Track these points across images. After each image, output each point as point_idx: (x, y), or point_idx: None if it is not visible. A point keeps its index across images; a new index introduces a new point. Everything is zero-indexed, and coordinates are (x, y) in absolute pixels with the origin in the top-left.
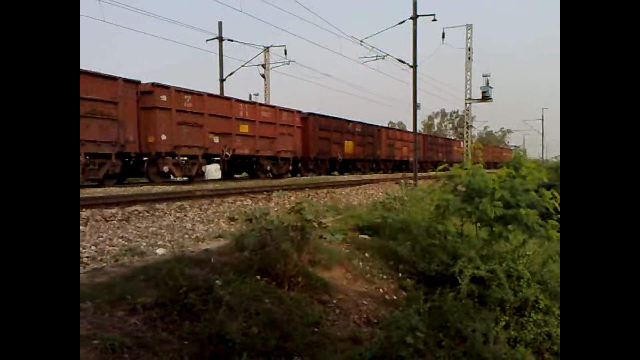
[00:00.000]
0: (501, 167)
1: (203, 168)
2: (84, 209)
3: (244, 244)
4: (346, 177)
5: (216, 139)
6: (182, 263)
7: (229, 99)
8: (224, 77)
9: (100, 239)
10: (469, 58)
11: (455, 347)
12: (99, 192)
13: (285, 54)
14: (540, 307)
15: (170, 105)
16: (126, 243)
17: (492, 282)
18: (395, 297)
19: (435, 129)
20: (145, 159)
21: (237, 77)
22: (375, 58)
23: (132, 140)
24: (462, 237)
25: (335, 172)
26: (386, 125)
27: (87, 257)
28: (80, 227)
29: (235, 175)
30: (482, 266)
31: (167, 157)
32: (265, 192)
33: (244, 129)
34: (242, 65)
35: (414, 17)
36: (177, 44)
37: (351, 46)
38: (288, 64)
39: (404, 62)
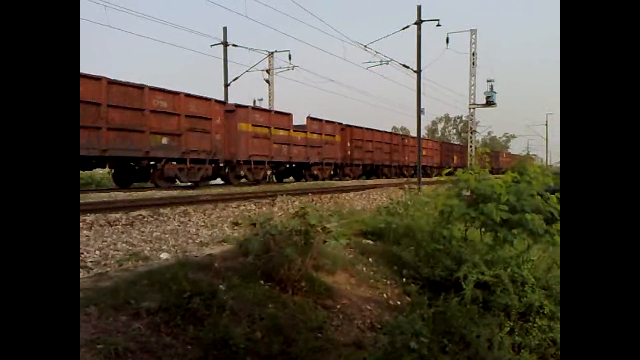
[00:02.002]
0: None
1: None
2: (88, 214)
3: (248, 248)
4: (349, 183)
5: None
6: (186, 268)
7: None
8: (229, 82)
9: (105, 243)
10: (473, 63)
11: (460, 352)
12: (103, 196)
13: (290, 59)
14: (545, 312)
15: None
16: (130, 248)
17: (496, 288)
18: (399, 302)
19: (439, 134)
20: None
21: (241, 82)
22: (379, 63)
23: None
24: (467, 242)
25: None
26: (390, 130)
27: (92, 261)
28: (85, 232)
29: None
30: (487, 271)
31: None
32: (269, 197)
33: (429, 152)
34: (247, 71)
35: (418, 23)
36: (181, 49)
37: (355, 51)
38: (292, 69)
39: (408, 67)
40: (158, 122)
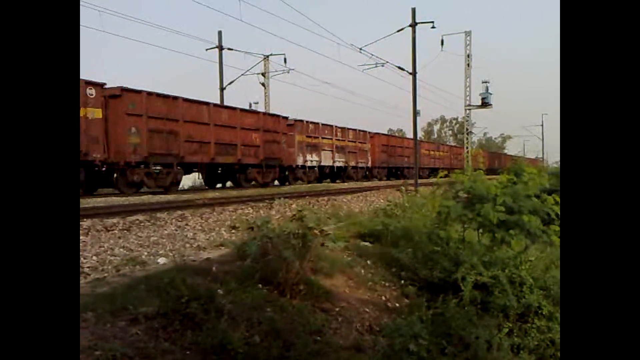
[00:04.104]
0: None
1: None
2: (85, 219)
3: (246, 252)
4: (347, 185)
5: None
6: (184, 272)
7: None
8: (224, 85)
9: (102, 248)
10: (468, 65)
11: (459, 354)
12: (100, 201)
13: (285, 62)
14: (544, 313)
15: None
16: (127, 253)
17: (494, 289)
18: (397, 305)
19: (435, 135)
20: None
21: (236, 86)
22: (374, 65)
23: None
24: (464, 244)
25: None
26: (386, 132)
27: (89, 267)
28: (82, 237)
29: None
30: (485, 272)
31: None
32: (266, 200)
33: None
34: (242, 74)
35: (413, 25)
36: (176, 53)
37: (350, 54)
38: (288, 72)
39: (403, 70)
40: (401, 152)
